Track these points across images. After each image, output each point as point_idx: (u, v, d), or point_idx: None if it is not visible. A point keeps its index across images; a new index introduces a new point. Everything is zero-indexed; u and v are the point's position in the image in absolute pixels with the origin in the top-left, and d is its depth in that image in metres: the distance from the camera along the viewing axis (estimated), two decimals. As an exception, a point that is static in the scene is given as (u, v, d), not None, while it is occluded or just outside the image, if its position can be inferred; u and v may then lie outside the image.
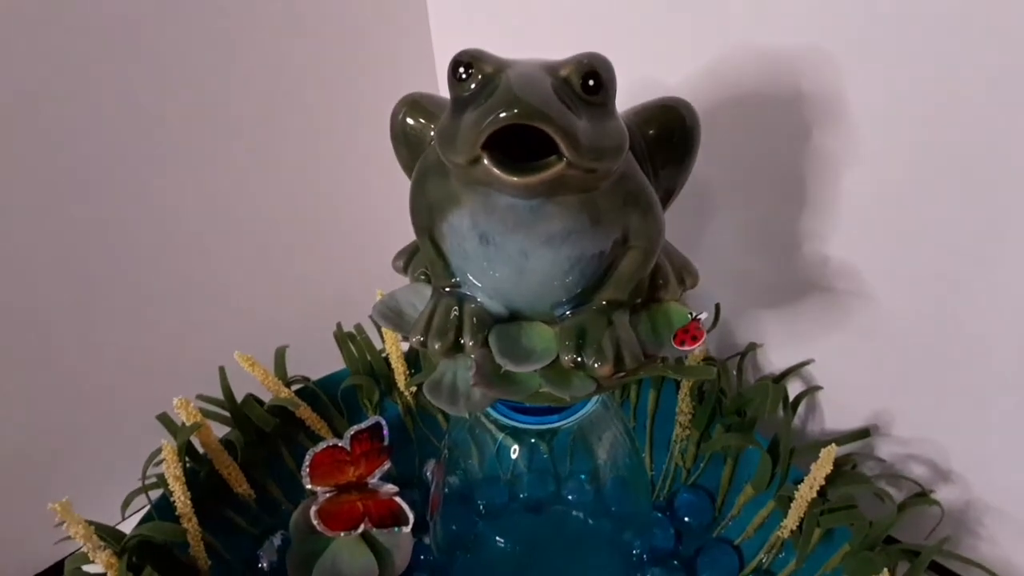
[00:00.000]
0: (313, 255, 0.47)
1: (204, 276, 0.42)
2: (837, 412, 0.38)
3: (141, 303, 0.40)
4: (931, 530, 0.33)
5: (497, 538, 0.35)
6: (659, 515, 0.38)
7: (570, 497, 0.36)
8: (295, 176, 0.44)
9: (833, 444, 0.31)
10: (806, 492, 0.32)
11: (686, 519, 0.38)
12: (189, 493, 0.32)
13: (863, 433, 0.36)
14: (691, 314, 0.24)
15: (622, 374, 0.23)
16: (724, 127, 0.33)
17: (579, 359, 0.23)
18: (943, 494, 0.34)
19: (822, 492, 0.32)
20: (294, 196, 0.45)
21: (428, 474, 0.40)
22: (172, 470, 0.31)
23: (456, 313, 0.24)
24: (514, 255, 0.22)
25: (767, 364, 0.40)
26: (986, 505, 0.34)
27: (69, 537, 0.28)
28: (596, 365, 0.22)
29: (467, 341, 0.23)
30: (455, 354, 0.24)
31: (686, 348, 0.24)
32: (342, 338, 0.39)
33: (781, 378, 0.38)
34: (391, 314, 0.26)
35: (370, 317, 0.27)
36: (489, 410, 0.28)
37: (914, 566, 0.29)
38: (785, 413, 0.36)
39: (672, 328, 0.24)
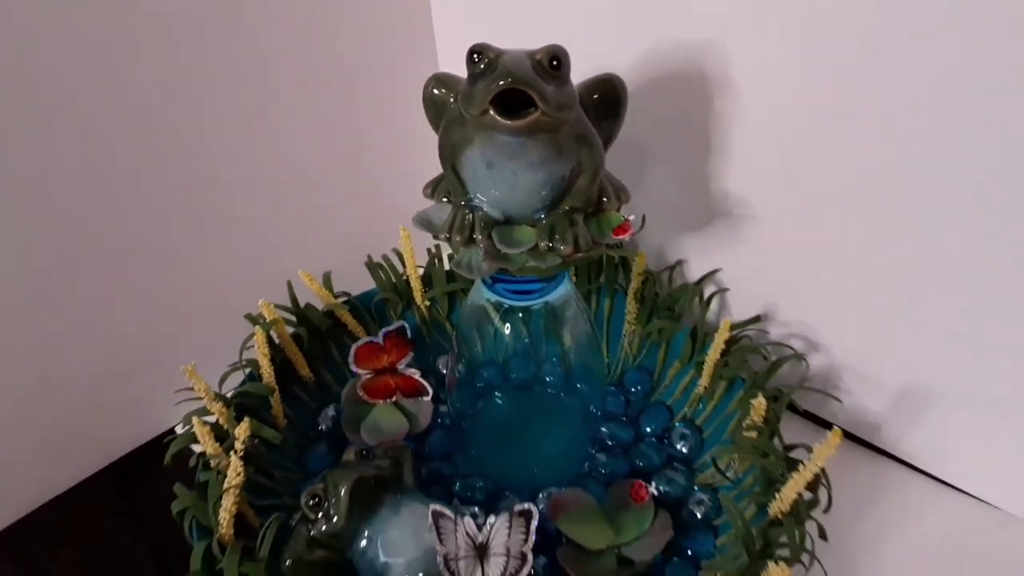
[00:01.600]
0: (349, 204, 0.58)
1: (269, 220, 0.53)
2: (739, 306, 0.49)
3: (219, 232, 0.51)
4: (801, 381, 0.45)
5: (497, 400, 0.46)
6: (612, 388, 0.49)
7: (547, 379, 0.46)
8: (337, 146, 0.55)
9: (729, 318, 0.43)
10: (712, 355, 0.43)
11: (632, 390, 0.48)
12: (272, 366, 0.43)
13: (755, 319, 0.47)
14: (624, 217, 0.37)
15: (580, 254, 0.34)
16: (650, 96, 0.44)
17: (550, 244, 0.34)
18: (813, 360, 0.46)
19: (724, 355, 0.44)
20: (336, 161, 0.56)
21: (440, 367, 0.51)
22: (261, 348, 0.41)
23: (470, 218, 0.34)
24: (508, 176, 0.33)
25: (689, 274, 0.51)
26: (844, 365, 0.45)
27: (186, 400, 0.38)
28: (562, 248, 0.33)
29: (478, 236, 0.34)
30: (469, 245, 0.35)
31: (620, 237, 0.35)
32: (372, 266, 0.50)
33: (699, 283, 0.48)
34: (424, 222, 0.37)
35: (412, 221, 0.37)
36: (488, 293, 0.40)
37: (781, 398, 0.40)
38: (701, 307, 0.47)
39: (612, 226, 0.36)
